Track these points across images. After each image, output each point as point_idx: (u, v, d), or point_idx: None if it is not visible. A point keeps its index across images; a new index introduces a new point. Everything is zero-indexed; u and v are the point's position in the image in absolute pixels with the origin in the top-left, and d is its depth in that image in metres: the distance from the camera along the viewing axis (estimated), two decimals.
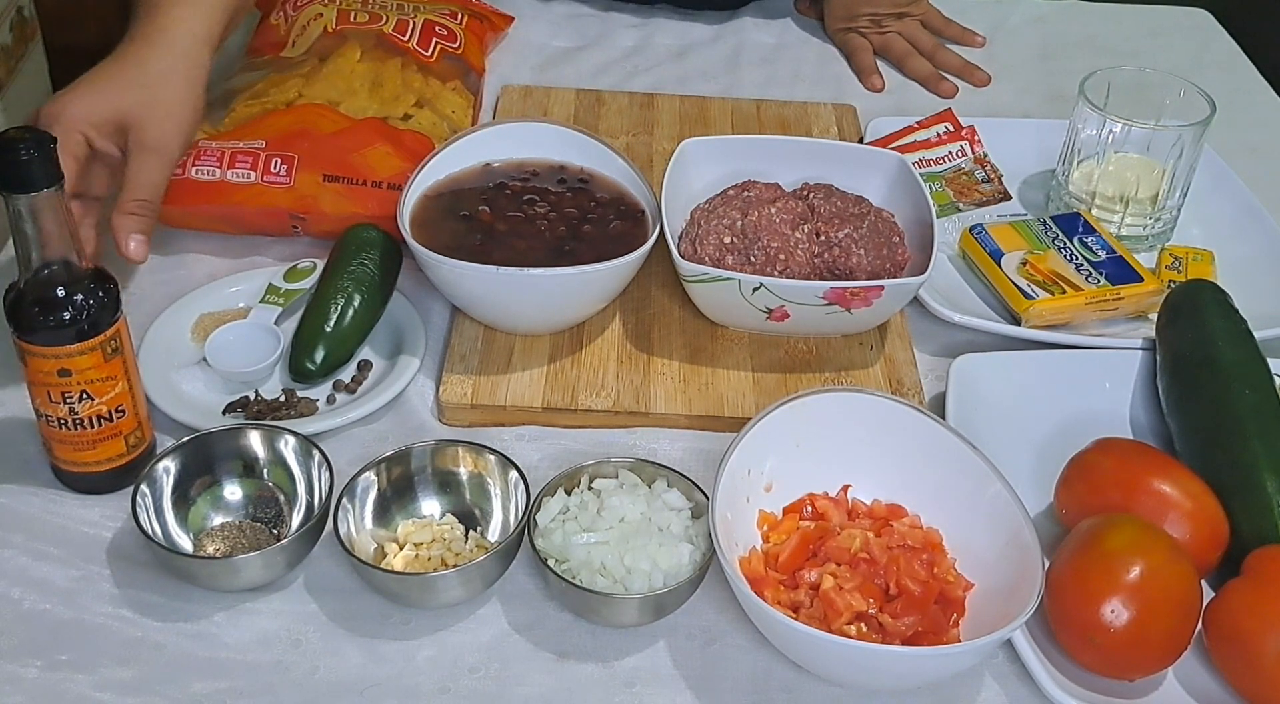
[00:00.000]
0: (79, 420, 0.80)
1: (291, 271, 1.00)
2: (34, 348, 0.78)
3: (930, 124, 1.17)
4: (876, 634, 0.76)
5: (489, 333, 0.96)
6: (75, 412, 0.80)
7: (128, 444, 0.83)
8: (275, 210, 1.02)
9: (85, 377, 0.79)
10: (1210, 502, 0.80)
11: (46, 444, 0.83)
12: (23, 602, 0.79)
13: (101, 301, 0.78)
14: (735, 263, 0.95)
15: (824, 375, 0.95)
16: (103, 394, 0.80)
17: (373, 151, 1.04)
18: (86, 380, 0.79)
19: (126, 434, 0.83)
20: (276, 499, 0.84)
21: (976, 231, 1.05)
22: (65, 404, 0.80)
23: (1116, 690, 0.76)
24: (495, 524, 0.84)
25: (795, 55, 1.37)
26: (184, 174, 1.01)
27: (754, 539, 0.82)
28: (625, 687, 0.76)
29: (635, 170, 1.01)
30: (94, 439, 0.82)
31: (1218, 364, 0.88)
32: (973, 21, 1.41)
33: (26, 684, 0.75)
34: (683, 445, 0.91)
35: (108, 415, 0.81)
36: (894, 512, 0.83)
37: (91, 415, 0.80)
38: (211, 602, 0.79)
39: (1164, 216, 1.10)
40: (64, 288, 0.77)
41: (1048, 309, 0.98)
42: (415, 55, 1.17)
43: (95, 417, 0.81)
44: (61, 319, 0.77)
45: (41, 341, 0.78)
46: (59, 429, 0.81)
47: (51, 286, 0.77)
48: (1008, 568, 0.77)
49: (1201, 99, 1.07)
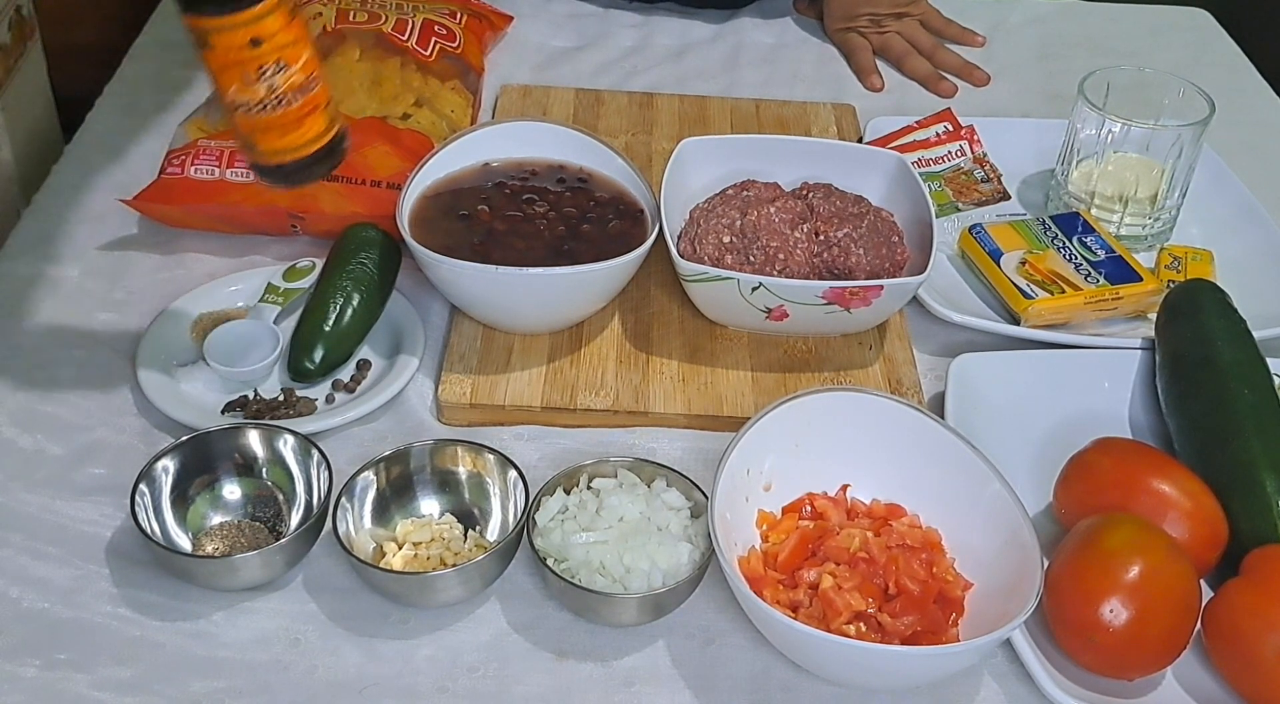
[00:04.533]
0: (280, 98, 0.76)
1: (290, 271, 1.00)
2: (221, 21, 0.73)
3: (929, 124, 1.17)
4: (875, 634, 0.76)
5: (488, 332, 0.96)
6: (275, 88, 0.76)
7: (329, 118, 0.80)
8: (274, 209, 1.02)
9: (276, 43, 0.75)
10: (1209, 501, 0.80)
11: (248, 142, 0.79)
12: (21, 601, 0.79)
13: None
14: (734, 262, 0.95)
15: (823, 375, 0.95)
16: (296, 59, 0.76)
17: (372, 151, 1.04)
18: (278, 46, 0.75)
19: (324, 106, 0.79)
20: (275, 498, 0.84)
21: (976, 231, 1.05)
22: (263, 81, 0.76)
23: (1115, 690, 0.76)
24: (494, 524, 0.84)
25: (794, 55, 1.37)
26: (183, 173, 1.01)
27: (753, 539, 0.82)
28: (624, 686, 0.76)
29: (634, 170, 1.01)
30: (298, 116, 0.77)
31: (1217, 364, 0.88)
32: (972, 21, 1.41)
33: (25, 683, 0.75)
34: (682, 445, 0.91)
35: (306, 85, 0.77)
36: (893, 511, 0.83)
37: (290, 89, 0.76)
38: (210, 601, 0.79)
39: (1163, 216, 1.10)
40: None
41: (1047, 309, 0.98)
42: (414, 54, 1.17)
43: (294, 90, 0.77)
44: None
45: (230, 9, 0.73)
46: (260, 113, 0.77)
47: None
48: (1007, 567, 0.77)
49: (1201, 99, 1.07)
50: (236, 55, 0.75)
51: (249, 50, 0.75)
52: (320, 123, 0.79)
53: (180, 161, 1.02)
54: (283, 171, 0.80)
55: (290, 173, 0.81)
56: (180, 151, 1.04)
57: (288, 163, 0.80)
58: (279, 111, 0.77)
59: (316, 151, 0.80)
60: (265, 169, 0.81)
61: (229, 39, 0.74)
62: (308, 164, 0.80)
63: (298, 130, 0.78)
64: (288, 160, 0.79)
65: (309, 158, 0.80)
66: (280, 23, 0.75)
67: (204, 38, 0.75)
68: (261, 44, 0.75)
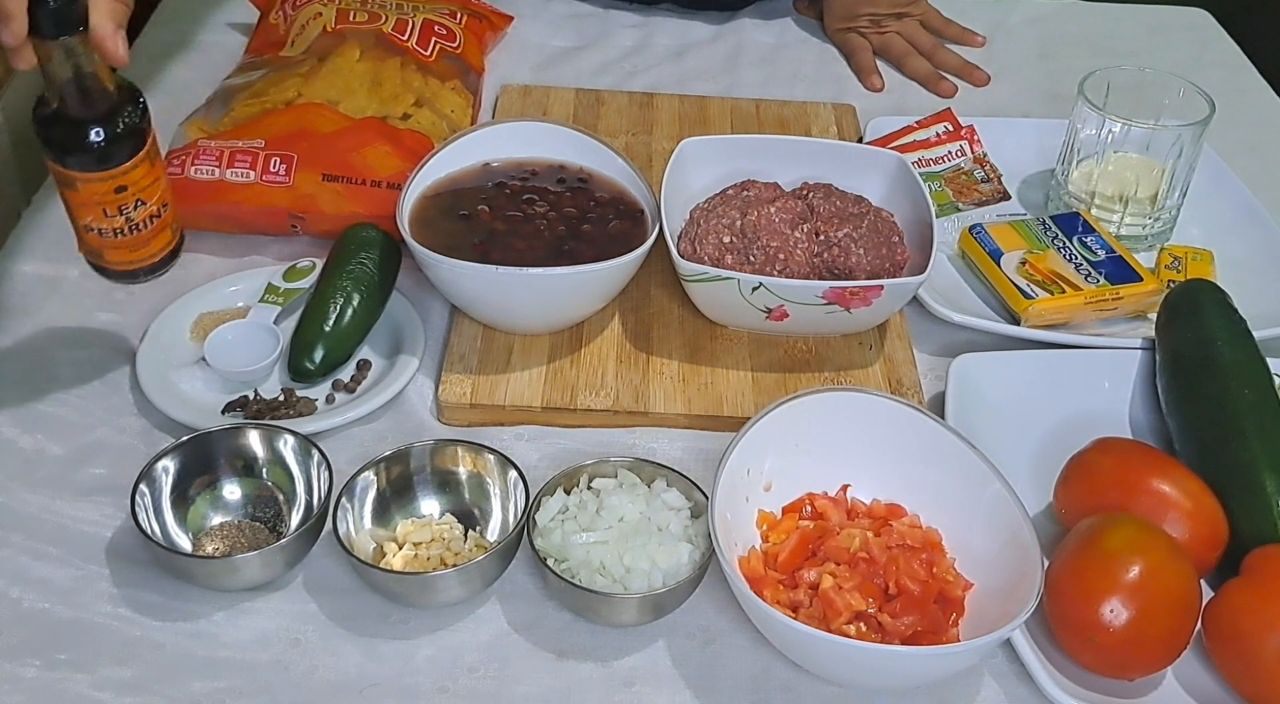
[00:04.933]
0: (134, 225, 0.81)
1: (291, 271, 1.00)
2: (90, 175, 0.78)
3: (929, 124, 1.17)
4: (876, 634, 0.76)
5: (488, 332, 0.96)
6: (131, 219, 0.81)
7: (172, 232, 0.85)
8: (274, 210, 1.02)
9: (138, 186, 0.80)
10: (1209, 501, 0.80)
11: (94, 252, 0.84)
12: (22, 601, 0.79)
13: (139, 111, 0.79)
14: (735, 262, 0.95)
15: (823, 375, 0.95)
16: (153, 196, 0.81)
17: (372, 151, 1.04)
18: (140, 189, 0.80)
19: (171, 224, 0.85)
20: (275, 499, 0.84)
21: (976, 231, 1.05)
22: (121, 215, 0.81)
23: (1116, 690, 0.76)
24: (494, 524, 0.84)
25: (794, 55, 1.37)
26: (183, 173, 1.01)
27: (753, 539, 0.82)
28: (624, 686, 0.76)
29: (634, 170, 1.01)
30: (147, 238, 0.83)
31: (1217, 364, 0.88)
32: (972, 21, 1.41)
33: (25, 683, 0.75)
34: (682, 445, 0.91)
35: (157, 213, 0.82)
36: (893, 511, 0.83)
37: (145, 218, 0.82)
38: (210, 601, 0.79)
39: (1163, 216, 1.10)
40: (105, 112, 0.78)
41: (1047, 309, 0.98)
42: (414, 55, 1.17)
43: (149, 218, 0.82)
44: (114, 143, 0.78)
45: (100, 167, 0.78)
46: (114, 238, 0.82)
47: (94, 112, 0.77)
48: (1007, 567, 0.77)
49: (1201, 99, 1.07)
50: (100, 198, 0.79)
51: (112, 195, 0.79)
52: (166, 238, 0.85)
53: (180, 161, 1.02)
54: (124, 275, 0.85)
55: (131, 276, 0.86)
56: (180, 151, 1.03)
57: (128, 270, 0.85)
58: (132, 236, 0.82)
59: (156, 262, 0.85)
60: (105, 271, 0.85)
61: (96, 187, 0.79)
62: (148, 270, 0.86)
63: (145, 248, 0.83)
64: (128, 268, 0.84)
65: (149, 266, 0.85)
66: (143, 170, 0.80)
67: (71, 183, 0.79)
68: (126, 190, 0.80)
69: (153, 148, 0.81)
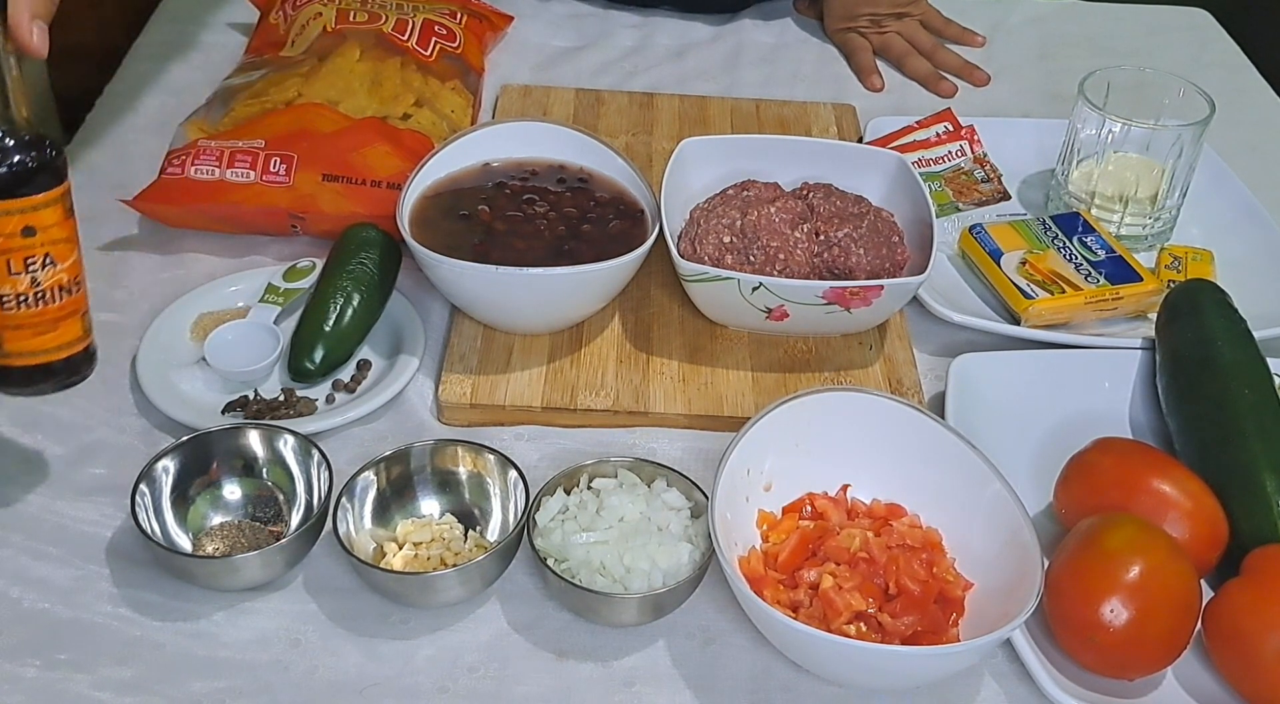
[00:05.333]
0: (41, 294, 0.75)
1: (291, 271, 1.00)
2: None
3: (930, 124, 1.17)
4: (876, 634, 0.76)
5: (488, 332, 0.96)
6: (38, 282, 0.74)
7: (84, 326, 0.78)
8: (274, 210, 1.02)
9: (50, 235, 0.74)
10: (1209, 501, 0.80)
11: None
12: (22, 601, 0.79)
13: (54, 152, 0.74)
14: (735, 262, 0.95)
15: (823, 375, 0.95)
16: (65, 258, 0.75)
17: (372, 151, 1.04)
18: (50, 240, 0.74)
19: (83, 313, 0.78)
20: (276, 498, 0.84)
21: (976, 231, 1.05)
22: (28, 273, 0.74)
23: (1116, 690, 0.76)
24: (494, 524, 0.84)
25: (794, 55, 1.37)
26: (183, 173, 1.01)
27: (753, 539, 0.82)
28: (624, 686, 0.76)
29: (635, 170, 1.01)
30: (55, 318, 0.76)
31: (1217, 364, 0.88)
32: (972, 21, 1.41)
33: (25, 683, 0.75)
34: (682, 445, 0.91)
35: (69, 286, 0.76)
36: (893, 511, 0.83)
37: (54, 286, 0.75)
38: (210, 601, 0.79)
39: (1163, 216, 1.10)
40: (15, 137, 0.73)
41: (1047, 309, 0.98)
42: (414, 55, 1.17)
43: (58, 288, 0.75)
44: (25, 168, 0.72)
45: (5, 195, 0.72)
46: (17, 310, 0.74)
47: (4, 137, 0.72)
48: (1007, 567, 0.77)
49: (1201, 99, 1.07)
50: (6, 243, 0.74)
51: (19, 239, 0.74)
52: (76, 329, 0.78)
53: (180, 162, 1.02)
54: (23, 375, 0.77)
55: (30, 377, 0.77)
56: (180, 151, 1.03)
57: (31, 366, 0.77)
58: (37, 308, 0.75)
59: (64, 359, 0.77)
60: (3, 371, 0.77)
61: (2, 224, 0.73)
62: (50, 371, 0.77)
63: (52, 331, 0.76)
64: (31, 363, 0.77)
65: (55, 364, 0.77)
66: (56, 216, 0.75)
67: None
68: (35, 234, 0.74)
69: (68, 200, 0.75)
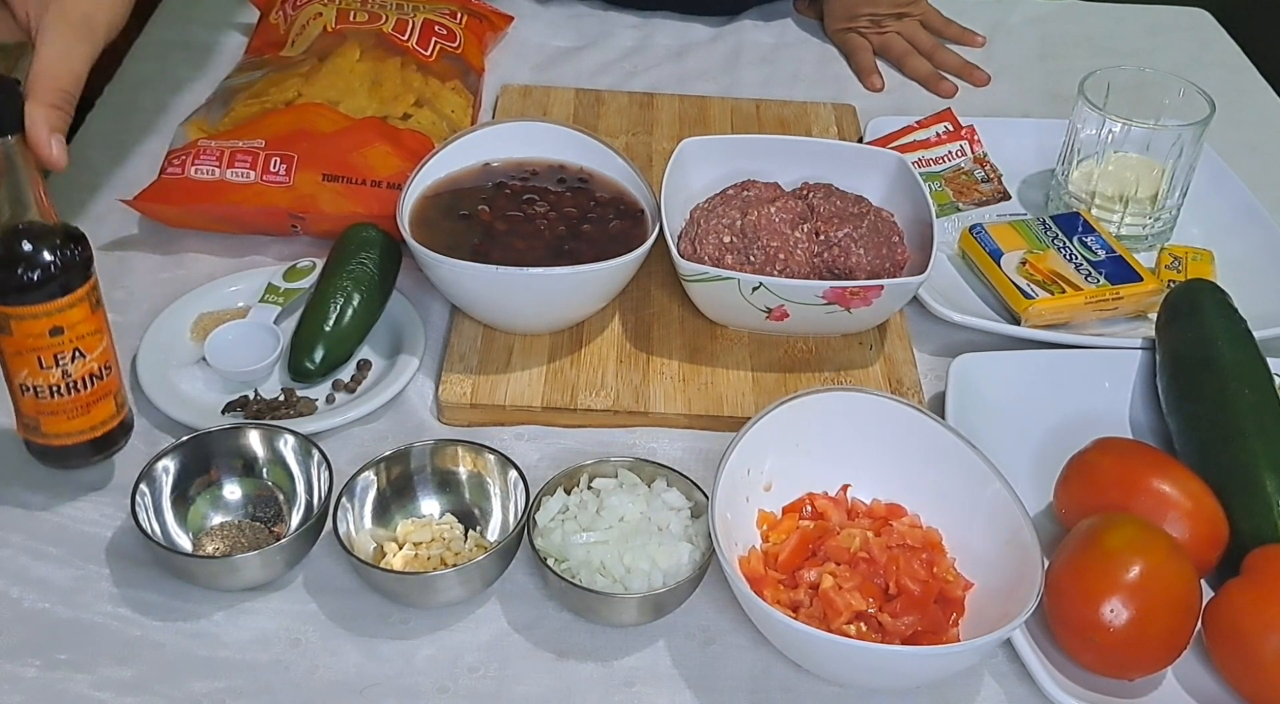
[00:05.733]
0: (72, 384, 0.77)
1: (291, 271, 1.00)
2: (23, 310, 0.74)
3: (930, 124, 1.17)
4: (876, 634, 0.76)
5: (488, 332, 0.96)
6: (69, 374, 0.76)
7: (116, 403, 0.81)
8: (274, 210, 1.02)
9: (77, 332, 0.76)
10: (1209, 501, 0.80)
11: (30, 424, 0.79)
12: (22, 601, 0.79)
13: (80, 251, 0.75)
14: (735, 262, 0.95)
15: (823, 375, 0.95)
16: (93, 349, 0.77)
17: (372, 151, 1.04)
18: (78, 336, 0.76)
19: (115, 392, 0.80)
20: (276, 498, 0.84)
21: (976, 231, 1.05)
22: (58, 367, 0.76)
23: (1116, 690, 0.76)
24: (494, 524, 0.84)
25: (794, 55, 1.37)
26: (183, 173, 1.01)
27: (753, 539, 0.82)
28: (625, 686, 0.76)
29: (635, 170, 1.01)
30: (88, 402, 0.78)
31: (1217, 364, 0.88)
32: (972, 21, 1.41)
33: (25, 683, 0.75)
34: (682, 445, 0.91)
35: (99, 373, 0.78)
36: (893, 511, 0.83)
37: (84, 375, 0.77)
38: (211, 601, 0.79)
39: (1163, 216, 1.10)
40: (41, 241, 0.73)
41: (1047, 309, 0.98)
42: (415, 55, 1.17)
43: (88, 376, 0.77)
44: (49, 273, 0.73)
45: (32, 301, 0.74)
46: (50, 399, 0.77)
47: (30, 241, 0.73)
48: (1007, 567, 0.77)
49: (1201, 99, 1.07)
50: (34, 342, 0.75)
51: (47, 338, 0.75)
52: (109, 408, 0.80)
53: (180, 162, 1.02)
54: (61, 453, 0.81)
55: (68, 455, 0.81)
56: (180, 151, 1.04)
57: (68, 445, 0.80)
58: (69, 397, 0.78)
59: (101, 437, 0.81)
60: (41, 449, 0.81)
61: (29, 327, 0.75)
62: (87, 450, 0.81)
63: (84, 416, 0.79)
64: (69, 443, 0.80)
65: (90, 443, 0.80)
66: (83, 314, 0.76)
67: (3, 323, 0.75)
68: (63, 333, 0.75)
69: (95, 294, 0.76)
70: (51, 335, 0.75)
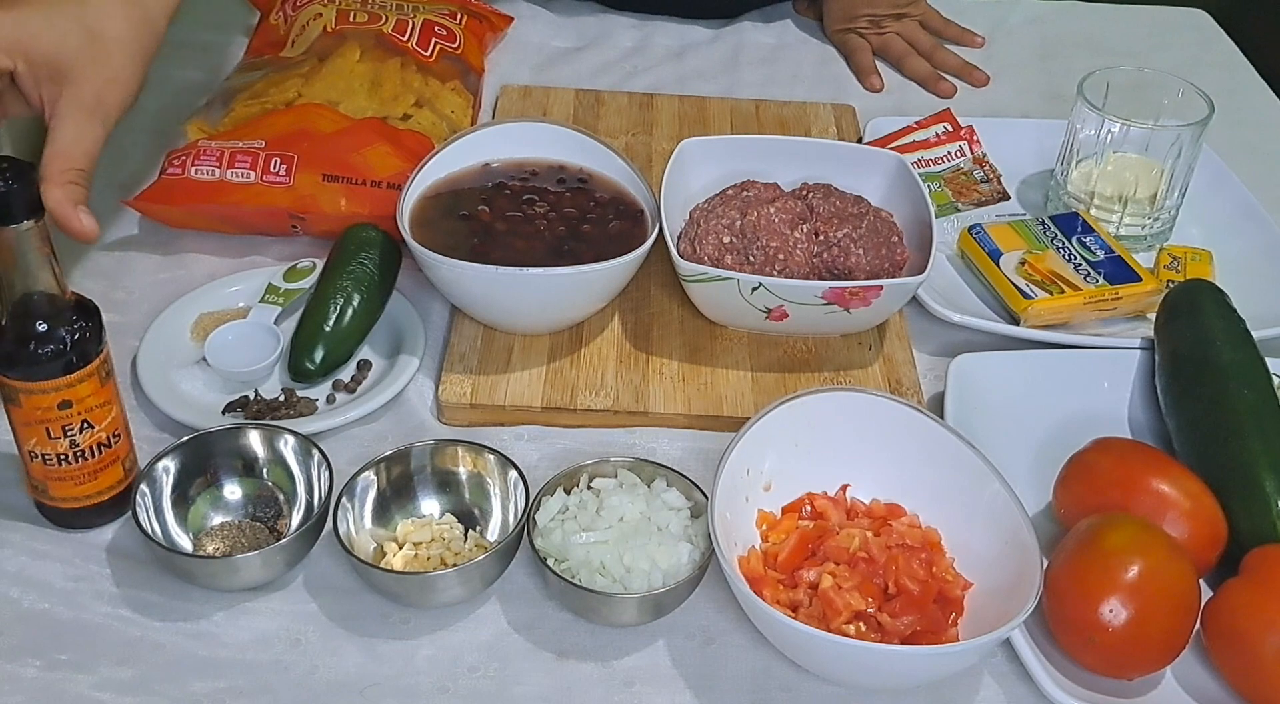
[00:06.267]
0: (80, 453, 0.78)
1: (291, 271, 1.00)
2: (31, 385, 0.75)
3: (929, 124, 1.17)
4: (875, 633, 0.76)
5: (488, 332, 0.97)
6: (76, 444, 0.78)
7: (124, 468, 0.82)
8: (275, 210, 1.02)
9: (85, 405, 0.77)
10: (1209, 501, 0.80)
11: (39, 486, 0.80)
12: (22, 601, 0.79)
13: (90, 326, 0.76)
14: (734, 262, 0.95)
15: (823, 375, 0.95)
16: (102, 420, 0.78)
17: (372, 151, 1.04)
18: (86, 409, 0.77)
19: (123, 458, 0.81)
20: (276, 498, 0.84)
21: (975, 231, 1.05)
22: (66, 438, 0.77)
23: (1115, 690, 0.76)
24: (494, 524, 0.84)
25: (794, 56, 1.37)
26: (183, 174, 1.02)
27: (753, 538, 0.82)
28: (624, 686, 0.76)
29: (634, 170, 1.01)
30: (95, 469, 0.79)
31: (1216, 364, 0.88)
32: (972, 21, 1.41)
33: (25, 684, 0.75)
34: (682, 445, 0.91)
35: (107, 442, 0.79)
36: (893, 511, 0.83)
37: (92, 445, 0.78)
38: (211, 601, 0.79)
39: (1162, 216, 1.10)
40: (53, 317, 0.75)
41: (1046, 309, 0.98)
42: (414, 55, 1.17)
43: (96, 445, 0.78)
44: (60, 349, 0.75)
45: (41, 376, 0.75)
46: (58, 466, 0.78)
47: (41, 318, 0.74)
48: (1006, 567, 0.77)
49: (1200, 99, 1.07)
50: (43, 415, 0.76)
51: (55, 411, 0.76)
52: (117, 473, 0.81)
53: (180, 162, 1.02)
54: (68, 516, 0.82)
55: (74, 518, 0.82)
56: (180, 152, 1.04)
57: (75, 509, 0.81)
58: (77, 465, 0.79)
59: (107, 501, 0.82)
60: (50, 510, 0.82)
61: (37, 401, 0.75)
62: (93, 514, 0.82)
63: (92, 482, 0.80)
64: (75, 508, 0.81)
65: (97, 507, 0.82)
66: (92, 387, 0.77)
67: (13, 396, 0.76)
68: (71, 406, 0.76)
69: (105, 367, 0.77)
70: (60, 409, 0.76)
